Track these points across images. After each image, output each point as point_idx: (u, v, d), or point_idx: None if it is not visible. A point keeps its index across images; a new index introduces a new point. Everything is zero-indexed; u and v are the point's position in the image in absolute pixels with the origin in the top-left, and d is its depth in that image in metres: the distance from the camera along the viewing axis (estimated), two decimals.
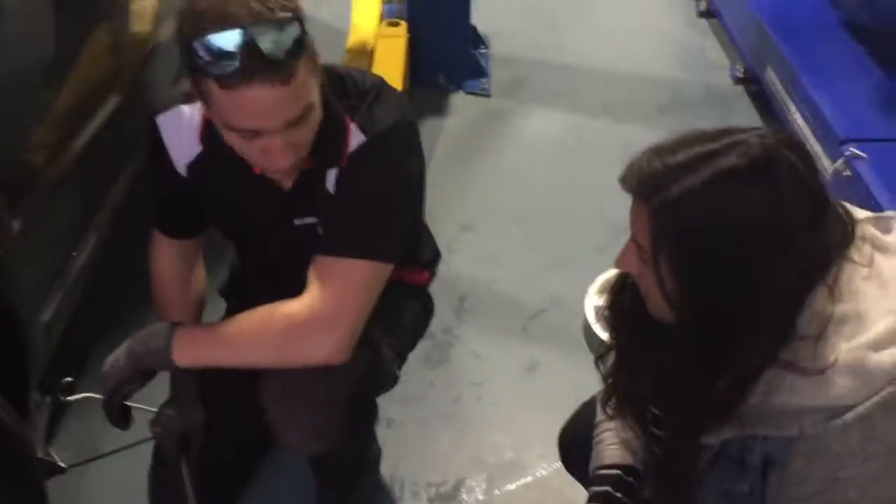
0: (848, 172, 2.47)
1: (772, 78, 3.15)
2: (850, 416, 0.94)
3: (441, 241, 1.76)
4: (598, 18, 4.20)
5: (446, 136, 3.21)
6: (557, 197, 2.90)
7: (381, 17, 3.48)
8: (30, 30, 1.61)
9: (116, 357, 1.39)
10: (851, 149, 2.48)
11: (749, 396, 0.99)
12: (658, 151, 1.00)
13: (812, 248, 0.97)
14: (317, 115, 1.27)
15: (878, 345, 0.95)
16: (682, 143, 1.00)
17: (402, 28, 3.36)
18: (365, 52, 3.22)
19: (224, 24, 1.13)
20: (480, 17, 3.66)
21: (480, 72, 3.56)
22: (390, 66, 3.09)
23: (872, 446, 0.95)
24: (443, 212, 2.69)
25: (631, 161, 1.02)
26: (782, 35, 3.17)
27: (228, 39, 1.13)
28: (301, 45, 1.17)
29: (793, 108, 2.92)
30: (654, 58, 3.84)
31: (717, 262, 0.97)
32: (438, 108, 3.37)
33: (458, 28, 3.50)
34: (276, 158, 1.24)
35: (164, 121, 1.41)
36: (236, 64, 1.13)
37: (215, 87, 1.16)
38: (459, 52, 3.52)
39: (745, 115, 3.40)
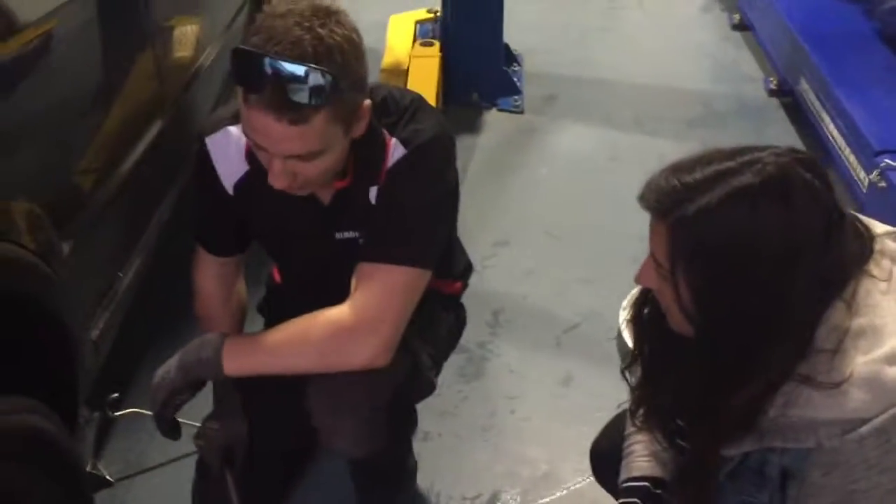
0: (883, 184, 2.46)
1: (805, 90, 3.14)
2: (865, 429, 0.96)
3: (475, 256, 1.80)
4: (629, 33, 4.22)
5: (480, 153, 3.25)
6: (590, 211, 2.92)
7: (415, 38, 3.54)
8: (77, 56, 1.68)
9: (167, 369, 1.43)
10: (887, 160, 2.47)
11: (768, 409, 1.01)
12: (675, 169, 1.03)
13: (827, 264, 0.99)
14: (329, 159, 1.30)
15: (893, 359, 0.96)
16: (699, 161, 1.02)
17: (436, 48, 3.42)
18: (399, 72, 3.28)
19: (267, 46, 1.19)
20: (512, 34, 3.71)
21: (513, 89, 3.60)
22: (424, 85, 3.14)
23: (888, 458, 0.96)
24: (477, 227, 2.72)
25: (649, 179, 1.05)
26: (816, 46, 3.16)
27: (262, 63, 1.18)
28: (321, 98, 1.19)
29: (827, 119, 2.91)
30: (686, 71, 3.85)
31: (733, 278, 0.99)
32: (472, 125, 3.42)
33: (490, 47, 3.55)
34: (272, 175, 1.30)
35: (213, 141, 1.46)
36: (257, 86, 1.19)
37: (241, 94, 1.24)
38: (492, 70, 3.57)
39: (779, 128, 3.38)
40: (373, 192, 1.42)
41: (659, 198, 1.02)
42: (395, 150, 1.39)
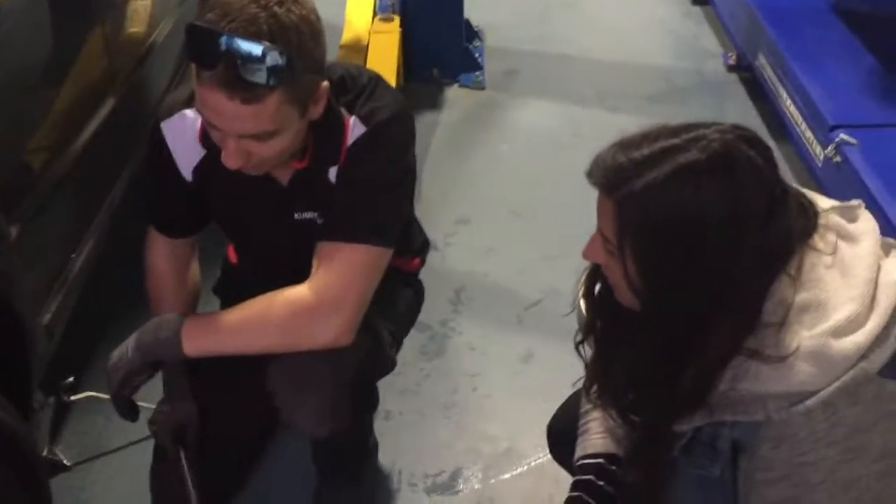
0: (838, 158, 2.49)
1: (763, 64, 3.16)
2: (812, 401, 0.97)
3: (437, 234, 1.79)
4: (591, 8, 4.20)
5: (442, 130, 3.24)
6: (552, 187, 2.91)
7: (375, 13, 3.50)
8: (26, 33, 1.63)
9: (124, 349, 1.41)
10: (842, 135, 2.50)
11: (718, 384, 1.02)
12: (623, 146, 1.03)
13: (771, 239, 1.00)
14: (284, 140, 1.29)
15: (838, 332, 0.98)
16: (645, 137, 1.03)
17: (396, 23, 3.38)
18: (359, 48, 3.24)
19: (222, 23, 1.18)
20: (473, 9, 3.68)
21: (474, 65, 3.58)
22: (384, 61, 3.10)
23: (835, 431, 0.98)
24: (439, 205, 2.72)
25: (597, 155, 1.06)
26: (773, 21, 3.18)
27: (215, 39, 1.16)
28: (275, 78, 1.17)
29: (784, 94, 2.93)
30: (647, 46, 3.85)
31: (679, 252, 1.00)
32: (433, 101, 3.39)
33: (451, 22, 3.52)
34: (226, 155, 1.29)
35: (169, 126, 1.44)
36: (210, 64, 1.17)
37: (195, 71, 1.22)
38: (453, 46, 3.54)
39: (738, 102, 3.41)
40: (332, 172, 1.41)
41: (606, 174, 1.03)
42: (355, 129, 1.38)
